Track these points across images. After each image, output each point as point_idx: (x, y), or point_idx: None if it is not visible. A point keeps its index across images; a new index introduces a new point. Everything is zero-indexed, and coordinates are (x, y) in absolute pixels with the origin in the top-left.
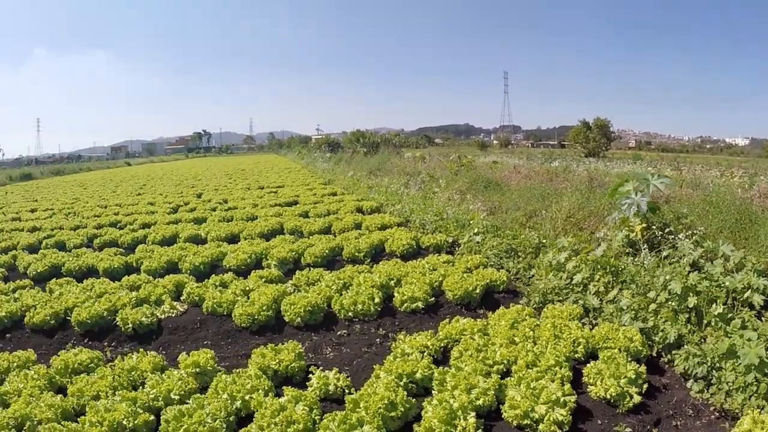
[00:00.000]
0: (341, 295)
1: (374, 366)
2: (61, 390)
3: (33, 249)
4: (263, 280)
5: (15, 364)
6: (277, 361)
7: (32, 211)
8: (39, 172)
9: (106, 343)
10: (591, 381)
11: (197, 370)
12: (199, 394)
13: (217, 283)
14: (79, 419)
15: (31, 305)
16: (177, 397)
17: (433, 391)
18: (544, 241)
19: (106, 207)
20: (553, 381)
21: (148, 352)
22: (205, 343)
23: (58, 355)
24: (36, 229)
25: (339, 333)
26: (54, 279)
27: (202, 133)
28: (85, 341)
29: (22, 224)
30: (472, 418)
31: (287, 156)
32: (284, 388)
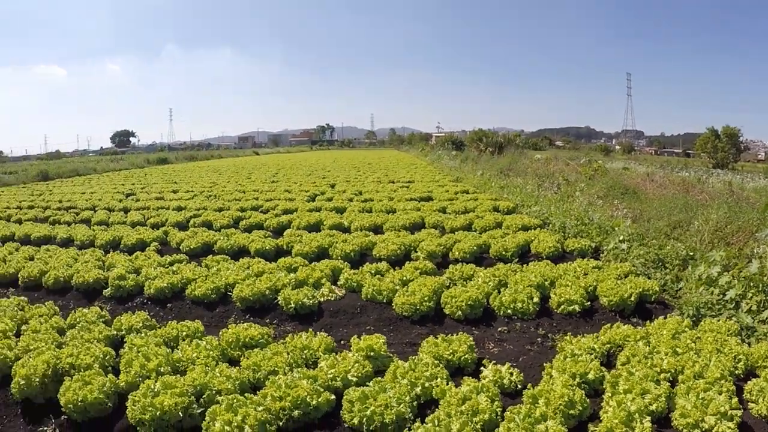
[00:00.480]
0: (499, 292)
1: (544, 364)
2: (232, 362)
3: (181, 226)
4: (418, 271)
5: (184, 333)
6: (451, 351)
7: (174, 192)
8: (174, 157)
9: (268, 320)
10: (752, 398)
11: (371, 354)
12: (380, 378)
13: (373, 271)
14: (258, 393)
15: (191, 278)
16: (354, 379)
17: (605, 393)
18: (691, 253)
19: (244, 192)
20: (720, 393)
21: (317, 333)
22: (367, 328)
23: (228, 328)
24: (181, 209)
25: (499, 329)
26: (210, 256)
27: (326, 126)
28: (247, 317)
29: (167, 203)
30: (647, 422)
31: (409, 152)
32: (464, 378)
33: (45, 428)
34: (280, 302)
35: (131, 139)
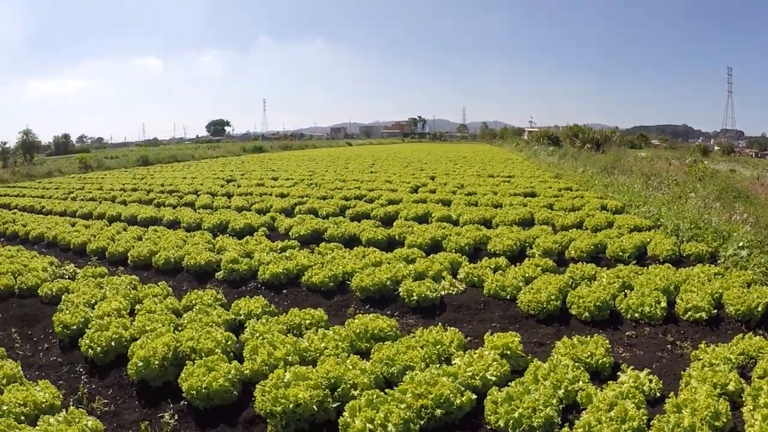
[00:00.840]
0: (625, 295)
1: (681, 372)
2: (359, 354)
3: (287, 213)
4: (539, 268)
5: (308, 321)
6: (588, 353)
7: (274, 179)
8: (269, 146)
9: (389, 312)
10: None
11: (507, 352)
12: (519, 378)
13: (492, 266)
14: (394, 388)
15: (307, 265)
16: (494, 378)
17: (744, 406)
18: None
19: (344, 181)
20: None
21: (446, 327)
22: (493, 325)
23: (354, 318)
24: (284, 195)
25: (627, 333)
26: (323, 243)
27: (417, 119)
28: (366, 307)
29: (269, 190)
30: None
31: (503, 146)
32: (609, 383)
33: (162, 413)
34: (401, 294)
35: (226, 128)
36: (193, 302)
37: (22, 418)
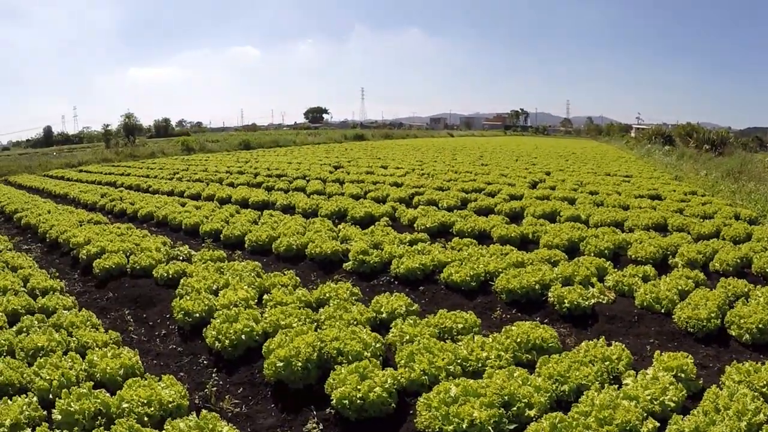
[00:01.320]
0: None
1: None
2: (520, 365)
3: (405, 203)
4: (691, 281)
5: (460, 325)
6: (764, 382)
7: (383, 167)
8: (370, 134)
9: (538, 318)
10: None
11: (681, 374)
12: (701, 406)
13: (641, 275)
14: (574, 410)
15: (443, 261)
16: (672, 404)
17: None
18: None
19: (457, 173)
20: None
21: (611, 342)
22: (650, 341)
23: (512, 326)
24: (398, 185)
25: None
26: (456, 238)
27: (519, 111)
28: (513, 311)
29: (380, 178)
30: None
31: (610, 143)
32: None
33: (305, 421)
34: (550, 299)
35: (324, 115)
36: (327, 295)
37: (146, 419)
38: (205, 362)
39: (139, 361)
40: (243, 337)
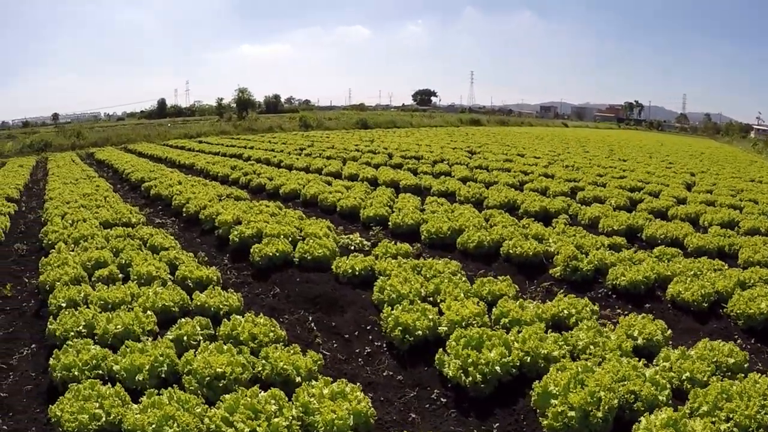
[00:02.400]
0: None
1: None
2: None
3: (567, 196)
4: None
5: (731, 361)
6: None
7: (520, 155)
8: (485, 120)
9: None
10: None
11: None
12: None
13: None
14: None
15: (664, 275)
16: None
17: None
18: None
19: (603, 167)
20: None
21: None
22: None
23: None
24: (548, 176)
25: None
26: (661, 247)
27: (634, 104)
28: (752, 342)
29: (524, 167)
30: None
31: (732, 144)
32: None
33: None
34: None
35: (432, 98)
36: (567, 313)
37: None
38: (441, 400)
39: (372, 408)
40: (498, 369)
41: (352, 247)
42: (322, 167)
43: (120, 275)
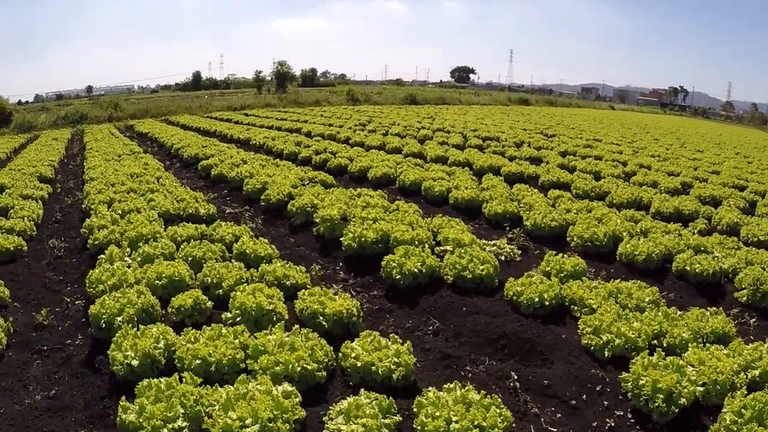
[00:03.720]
0: None
1: None
2: None
3: (675, 194)
4: None
5: None
6: None
7: (597, 140)
8: (534, 100)
9: None
10: None
11: None
12: None
13: None
14: None
15: None
16: None
17: None
18: None
19: (695, 160)
20: None
21: None
22: None
23: None
24: (646, 167)
25: None
26: None
27: (679, 89)
28: None
29: (612, 155)
30: None
31: None
32: None
33: None
34: None
35: (471, 75)
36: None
37: None
38: None
39: None
40: None
41: (503, 258)
42: (400, 146)
43: (208, 303)
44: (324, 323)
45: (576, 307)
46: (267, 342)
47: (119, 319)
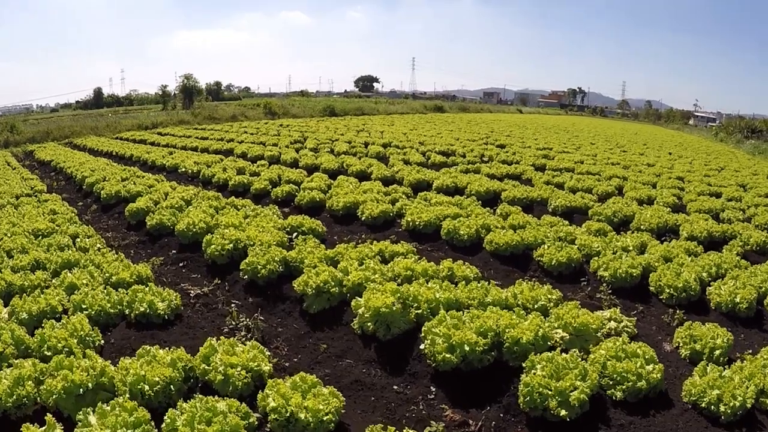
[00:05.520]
0: None
1: None
2: None
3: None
4: None
5: None
6: None
7: (547, 149)
8: (448, 107)
9: None
10: None
11: None
12: None
13: None
14: None
15: None
16: None
17: None
18: None
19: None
20: None
21: None
22: None
23: None
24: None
25: None
26: None
27: (577, 90)
28: None
29: (578, 166)
30: None
31: (683, 132)
32: None
33: None
34: None
35: (375, 84)
36: None
37: None
38: None
39: None
40: None
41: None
42: (364, 169)
43: None
44: None
45: None
46: None
47: None
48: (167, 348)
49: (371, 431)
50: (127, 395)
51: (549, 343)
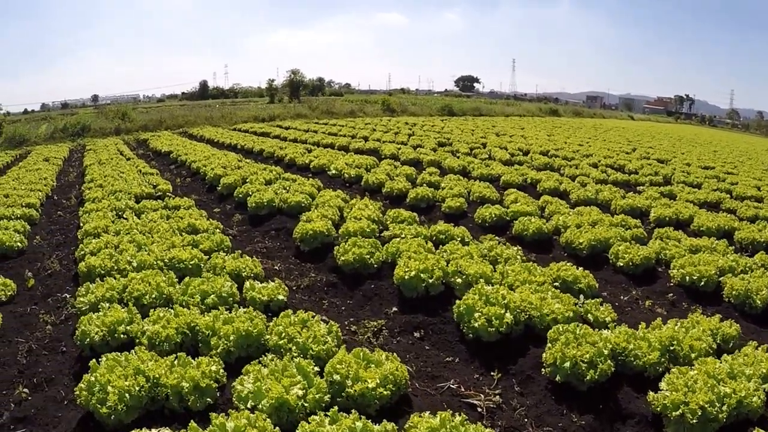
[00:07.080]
0: None
1: None
2: None
3: None
4: None
5: None
6: None
7: (707, 168)
8: (562, 110)
9: None
10: None
11: None
12: None
13: None
14: None
15: None
16: None
17: None
18: None
19: None
20: None
21: None
22: None
23: None
24: None
25: None
26: None
27: (684, 97)
28: None
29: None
30: None
31: None
32: None
33: None
34: None
35: (475, 84)
36: None
37: None
38: None
39: None
40: None
41: None
42: (556, 186)
43: None
44: None
45: None
46: None
47: None
48: None
49: None
50: None
51: None
